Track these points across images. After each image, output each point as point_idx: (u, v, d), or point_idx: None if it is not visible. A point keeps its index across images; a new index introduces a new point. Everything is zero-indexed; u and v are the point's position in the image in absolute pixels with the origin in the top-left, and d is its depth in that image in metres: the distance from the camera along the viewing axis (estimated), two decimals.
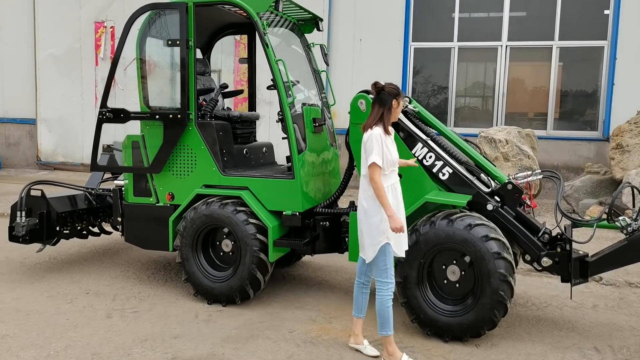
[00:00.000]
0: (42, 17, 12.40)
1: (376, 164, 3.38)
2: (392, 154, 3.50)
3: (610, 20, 9.61)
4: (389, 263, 3.48)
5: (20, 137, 12.95)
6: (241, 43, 10.67)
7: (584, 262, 3.97)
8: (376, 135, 3.43)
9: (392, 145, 3.56)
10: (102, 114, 4.92)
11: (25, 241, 5.03)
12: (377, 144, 3.40)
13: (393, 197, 3.51)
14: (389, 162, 3.47)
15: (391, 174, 3.53)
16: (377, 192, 3.39)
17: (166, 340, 3.89)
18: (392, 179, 3.55)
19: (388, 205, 3.37)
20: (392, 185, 3.52)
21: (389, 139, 3.52)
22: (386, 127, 3.50)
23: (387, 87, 3.51)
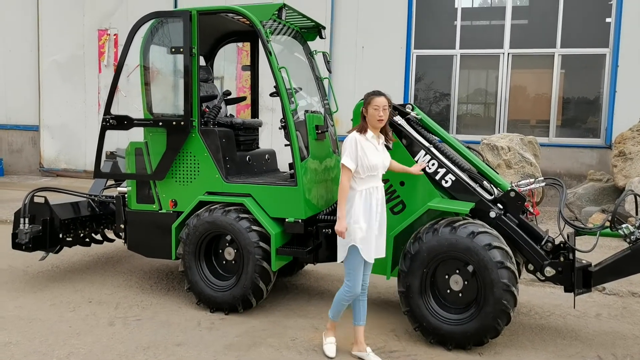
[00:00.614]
0: (46, 24, 12.48)
1: (345, 166, 3.48)
2: (370, 159, 3.52)
3: (612, 27, 9.63)
4: (352, 267, 3.57)
5: (23, 143, 13.00)
6: (244, 50, 10.71)
7: (587, 272, 3.95)
8: (351, 138, 3.54)
9: (374, 151, 3.58)
10: (106, 120, 4.94)
11: (29, 249, 5.03)
12: (350, 147, 3.50)
13: (365, 201, 3.54)
14: (365, 167, 3.52)
15: (368, 178, 3.56)
16: (339, 193, 3.50)
17: (169, 348, 3.88)
18: (369, 184, 3.57)
19: (341, 208, 3.48)
20: (367, 189, 3.56)
21: (370, 144, 3.56)
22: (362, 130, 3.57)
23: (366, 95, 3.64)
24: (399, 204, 4.26)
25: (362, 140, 3.53)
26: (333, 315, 3.82)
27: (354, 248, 3.53)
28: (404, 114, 4.43)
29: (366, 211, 3.54)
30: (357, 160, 3.50)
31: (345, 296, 3.66)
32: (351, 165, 3.48)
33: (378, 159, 3.58)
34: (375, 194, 3.59)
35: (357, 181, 3.54)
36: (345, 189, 3.49)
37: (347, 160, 3.48)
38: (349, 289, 3.62)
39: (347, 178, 3.50)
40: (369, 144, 3.56)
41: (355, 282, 3.59)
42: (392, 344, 4.02)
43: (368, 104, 3.58)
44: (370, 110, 3.57)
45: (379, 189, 3.63)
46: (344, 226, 3.47)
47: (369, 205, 3.55)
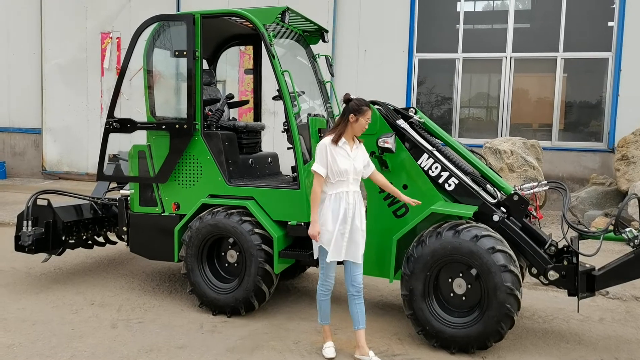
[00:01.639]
0: (49, 27, 12.52)
1: (315, 171, 3.62)
2: (340, 165, 3.60)
3: (615, 31, 9.63)
4: (322, 264, 3.75)
5: (25, 146, 13.03)
6: (246, 54, 10.73)
7: (591, 276, 3.94)
8: (322, 144, 3.64)
9: (345, 157, 3.63)
10: (109, 123, 4.95)
11: (31, 251, 5.04)
12: (320, 154, 3.62)
13: (334, 205, 3.63)
14: (334, 172, 3.61)
15: (338, 183, 3.64)
16: (311, 198, 3.66)
17: (171, 351, 3.88)
18: (339, 188, 3.64)
19: (313, 212, 3.63)
20: (336, 194, 3.64)
21: (341, 150, 3.62)
22: (335, 138, 3.61)
23: (353, 101, 3.66)
24: (402, 207, 4.26)
25: (332, 146, 3.62)
26: (321, 318, 3.88)
27: (323, 248, 3.70)
28: (406, 117, 4.43)
29: (334, 215, 3.62)
30: (327, 166, 3.60)
31: (320, 291, 3.80)
32: (321, 171, 3.61)
33: (348, 164, 3.64)
34: (346, 198, 3.64)
35: (327, 185, 3.66)
36: (316, 194, 3.63)
37: (317, 167, 3.61)
38: (322, 282, 3.78)
39: (318, 183, 3.63)
40: (340, 150, 3.64)
41: (327, 276, 3.76)
42: (395, 347, 4.01)
43: (361, 114, 3.63)
44: (362, 121, 3.65)
45: (349, 193, 3.66)
46: (316, 230, 3.61)
47: (337, 209, 3.63)
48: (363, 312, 3.77)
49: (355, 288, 3.72)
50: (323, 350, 3.85)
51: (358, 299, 3.74)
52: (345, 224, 3.62)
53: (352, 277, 3.73)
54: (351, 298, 3.76)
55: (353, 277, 3.72)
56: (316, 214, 3.63)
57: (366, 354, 3.74)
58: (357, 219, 3.67)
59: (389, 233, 4.20)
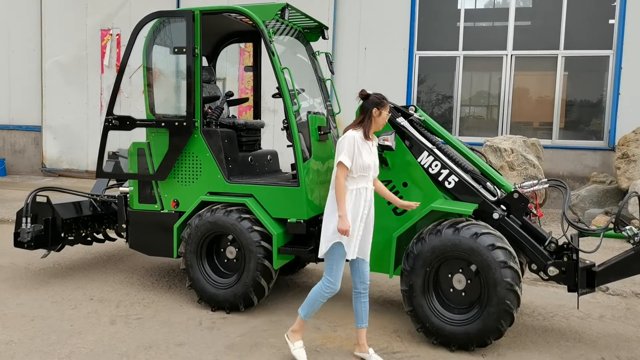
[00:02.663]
0: (49, 24, 12.51)
1: (343, 163, 3.46)
2: (365, 159, 3.53)
3: (616, 29, 9.61)
4: (335, 264, 3.55)
5: (25, 144, 13.02)
6: (246, 51, 10.72)
7: (591, 271, 3.94)
8: (350, 137, 3.51)
9: (369, 152, 3.59)
10: (109, 121, 4.94)
11: (31, 247, 5.04)
12: (349, 146, 3.49)
13: (355, 201, 3.54)
14: (358, 166, 3.51)
15: (360, 178, 3.56)
16: (337, 191, 3.49)
17: (170, 348, 3.87)
18: (359, 184, 3.56)
19: (342, 206, 3.45)
20: (357, 189, 3.55)
21: (366, 145, 3.57)
22: (366, 133, 3.55)
23: (372, 96, 3.60)
24: None
25: (360, 140, 3.54)
26: (305, 313, 3.69)
27: (339, 245, 3.51)
28: (406, 115, 4.43)
29: (354, 210, 3.53)
30: (353, 159, 3.50)
31: (324, 292, 3.61)
32: (348, 163, 3.47)
33: (371, 160, 3.60)
34: (364, 195, 3.58)
35: (348, 180, 3.54)
36: (342, 186, 3.48)
37: (345, 158, 3.46)
38: (330, 284, 3.58)
39: (343, 175, 3.48)
40: (365, 145, 3.58)
41: (336, 279, 3.58)
42: (395, 344, 4.00)
43: (383, 107, 3.58)
44: (384, 114, 3.60)
45: (368, 190, 3.61)
46: (348, 225, 3.43)
47: (358, 206, 3.55)
48: (367, 311, 3.75)
49: (363, 285, 3.69)
50: (293, 351, 3.68)
51: (364, 297, 3.72)
52: (362, 221, 3.57)
53: (362, 275, 3.67)
54: (357, 296, 3.72)
55: (362, 274, 3.67)
56: (344, 208, 3.43)
57: (366, 351, 3.74)
58: (371, 217, 3.65)
59: (389, 230, 4.20)
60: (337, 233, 3.47)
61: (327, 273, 3.61)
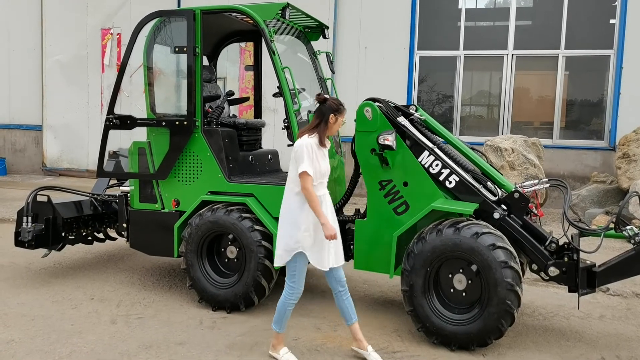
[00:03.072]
0: (49, 24, 12.51)
1: (307, 172, 3.39)
2: (322, 166, 3.51)
3: (617, 29, 9.61)
4: (297, 270, 3.53)
5: (26, 143, 13.03)
6: (246, 50, 10.72)
7: (592, 272, 3.93)
8: (307, 144, 3.44)
9: (323, 157, 3.55)
10: (109, 120, 4.94)
11: (31, 246, 5.04)
12: (309, 153, 3.42)
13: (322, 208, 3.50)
14: (317, 173, 3.47)
15: (319, 185, 3.52)
16: (310, 201, 3.40)
17: (171, 347, 3.88)
18: (319, 191, 3.50)
19: (321, 214, 3.40)
20: (319, 197, 3.49)
21: (320, 151, 3.53)
22: (321, 139, 3.50)
23: (330, 100, 3.53)
24: (403, 205, 4.25)
25: (315, 146, 3.47)
26: (280, 326, 3.66)
27: (300, 254, 3.49)
28: (407, 115, 4.42)
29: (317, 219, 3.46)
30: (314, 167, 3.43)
31: (290, 299, 3.59)
32: (311, 172, 3.40)
33: (326, 165, 3.57)
34: (325, 202, 3.55)
35: None
36: (314, 195, 3.40)
37: (309, 167, 3.39)
38: (292, 290, 3.57)
39: (310, 184, 3.40)
40: (320, 151, 3.53)
41: (300, 284, 3.57)
42: (395, 344, 4.00)
43: (340, 114, 3.53)
44: (340, 121, 3.55)
45: (326, 196, 3.60)
46: (333, 229, 3.40)
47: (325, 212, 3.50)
48: (352, 305, 3.72)
49: (340, 284, 3.67)
50: (282, 357, 3.65)
51: (345, 294, 3.69)
52: None
53: (339, 280, 3.66)
54: (338, 295, 3.69)
55: (337, 275, 3.65)
56: (323, 215, 3.39)
57: (364, 348, 3.71)
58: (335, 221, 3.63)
59: (389, 230, 4.19)
60: (299, 242, 3.45)
61: (289, 280, 3.59)
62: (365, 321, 4.40)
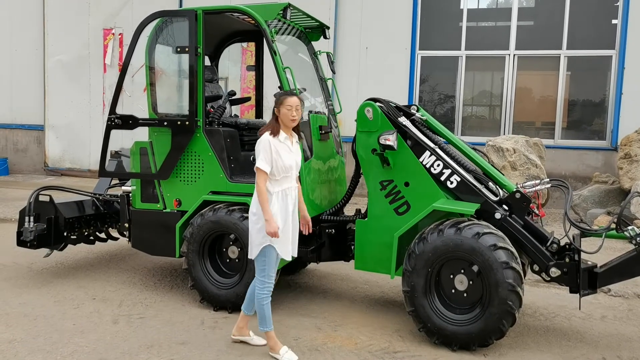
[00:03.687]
0: (52, 23, 12.54)
1: (260, 169, 3.50)
2: (285, 161, 3.56)
3: (619, 29, 9.60)
4: (267, 264, 3.62)
5: (28, 143, 13.06)
6: (248, 50, 10.73)
7: (593, 273, 3.93)
8: (264, 141, 3.54)
9: (288, 152, 3.61)
10: (111, 120, 4.95)
11: (33, 246, 5.05)
12: (264, 150, 3.52)
13: (282, 203, 3.59)
14: (279, 168, 3.54)
15: (283, 179, 3.60)
16: (258, 196, 3.53)
17: (172, 347, 3.88)
18: (284, 185, 3.60)
19: (267, 210, 3.49)
20: (282, 190, 3.59)
21: (284, 145, 3.59)
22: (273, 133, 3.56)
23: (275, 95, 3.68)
24: (404, 205, 4.25)
25: (275, 142, 3.55)
26: (265, 324, 3.69)
27: (269, 247, 3.57)
28: (408, 115, 4.42)
29: (282, 212, 3.58)
30: (272, 163, 3.52)
31: (264, 293, 3.65)
32: (266, 168, 3.50)
33: (292, 160, 3.62)
34: (291, 195, 3.64)
35: (272, 183, 3.57)
36: (263, 192, 3.51)
37: (262, 163, 3.50)
38: (262, 284, 3.64)
39: (262, 180, 3.51)
40: (283, 145, 3.59)
41: (270, 276, 3.65)
42: (397, 344, 4.00)
43: (280, 104, 3.60)
44: (283, 110, 3.59)
45: (292, 189, 3.66)
46: (275, 227, 3.47)
47: (285, 207, 3.60)
48: None
49: None
50: (282, 357, 3.64)
51: None
52: (292, 220, 3.64)
53: None
54: None
55: None
56: (269, 212, 3.48)
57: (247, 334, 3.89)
58: (297, 214, 3.72)
59: (390, 230, 4.19)
60: (267, 236, 3.52)
61: (259, 274, 3.66)
62: (366, 321, 4.41)
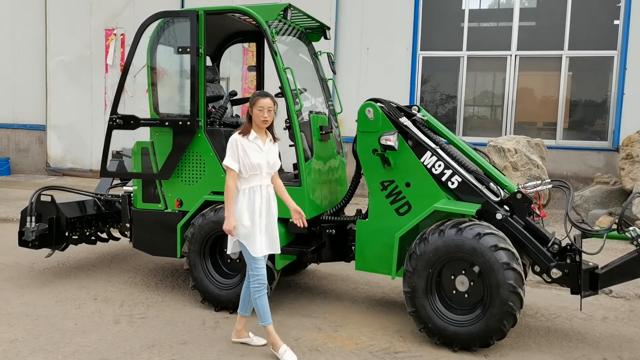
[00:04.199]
0: (53, 24, 12.56)
1: (226, 167, 3.66)
2: (252, 159, 3.64)
3: (620, 30, 9.58)
4: (249, 259, 3.71)
5: (30, 143, 13.08)
6: (249, 51, 10.73)
7: (594, 274, 3.92)
8: (232, 140, 3.69)
9: (257, 151, 3.68)
10: (113, 120, 4.96)
11: (35, 246, 5.06)
12: (231, 149, 3.67)
13: (249, 199, 3.66)
14: (247, 167, 3.65)
15: (251, 177, 3.68)
16: (225, 193, 3.67)
17: (173, 347, 3.89)
18: (252, 183, 3.68)
19: (228, 208, 3.63)
20: (250, 188, 3.68)
21: (253, 144, 3.67)
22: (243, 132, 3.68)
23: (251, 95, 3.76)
24: (405, 205, 4.25)
25: (243, 141, 3.67)
26: (263, 319, 3.73)
27: (243, 244, 3.69)
28: (409, 115, 4.42)
29: (250, 209, 3.65)
30: (239, 161, 3.63)
31: (254, 287, 3.70)
32: (234, 166, 3.64)
33: (261, 158, 3.68)
34: (259, 192, 3.70)
35: (241, 181, 3.69)
36: (230, 189, 3.64)
37: (229, 162, 3.64)
38: (254, 278, 3.70)
39: (231, 178, 3.65)
40: (252, 144, 3.68)
41: (257, 269, 3.70)
42: (397, 344, 4.00)
43: (253, 105, 3.68)
44: (255, 111, 3.68)
45: (262, 187, 3.72)
46: (232, 224, 3.60)
47: (252, 203, 3.67)
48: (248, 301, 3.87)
49: None
50: (282, 356, 3.64)
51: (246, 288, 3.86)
52: (261, 217, 3.68)
53: None
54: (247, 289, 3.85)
55: None
56: (231, 209, 3.61)
57: (247, 336, 3.93)
58: (272, 211, 3.76)
59: (391, 230, 4.19)
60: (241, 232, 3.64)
61: (249, 269, 3.76)
62: (367, 322, 4.41)
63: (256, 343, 3.90)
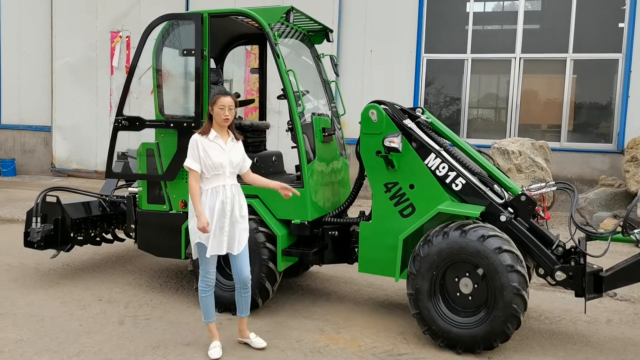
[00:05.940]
0: (59, 26, 12.63)
1: (188, 167, 3.66)
2: (213, 159, 3.64)
3: (625, 33, 9.56)
4: (201, 260, 3.75)
5: (35, 144, 13.15)
6: (252, 53, 10.75)
7: (599, 276, 3.91)
8: (192, 140, 3.70)
9: (219, 150, 3.68)
10: (118, 121, 4.98)
11: (40, 247, 5.08)
12: (191, 150, 3.67)
13: (211, 200, 3.66)
14: (208, 167, 3.64)
15: (213, 178, 3.68)
16: (189, 193, 3.66)
17: (178, 348, 3.90)
18: (214, 183, 3.68)
19: (196, 207, 3.61)
20: (212, 188, 3.67)
21: (214, 144, 3.68)
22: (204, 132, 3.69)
23: None
24: (409, 207, 4.25)
25: (203, 140, 3.67)
26: (206, 316, 3.84)
27: (200, 244, 3.69)
28: (413, 117, 4.43)
29: (211, 209, 3.64)
30: (200, 161, 3.63)
31: (201, 287, 3.76)
32: (195, 167, 3.64)
33: (223, 158, 3.68)
34: (223, 192, 3.68)
35: (203, 181, 3.69)
36: (194, 189, 3.63)
37: (190, 162, 3.65)
38: (202, 278, 3.76)
39: (193, 179, 3.65)
40: (213, 144, 3.68)
41: (207, 271, 3.74)
42: (401, 346, 4.00)
43: (214, 103, 3.70)
44: (216, 110, 3.68)
45: (226, 187, 3.71)
46: (204, 221, 3.56)
47: (213, 204, 3.65)
48: (248, 304, 3.89)
49: (241, 281, 3.80)
50: (209, 351, 3.76)
51: (245, 292, 3.85)
52: (224, 217, 3.67)
53: (239, 271, 3.79)
54: (237, 290, 3.87)
55: (240, 270, 3.78)
56: (199, 208, 3.59)
57: (247, 336, 3.93)
58: (236, 211, 3.74)
59: (394, 232, 4.19)
60: (197, 233, 3.64)
61: (199, 270, 3.79)
62: (370, 324, 4.41)
63: (255, 345, 3.90)
